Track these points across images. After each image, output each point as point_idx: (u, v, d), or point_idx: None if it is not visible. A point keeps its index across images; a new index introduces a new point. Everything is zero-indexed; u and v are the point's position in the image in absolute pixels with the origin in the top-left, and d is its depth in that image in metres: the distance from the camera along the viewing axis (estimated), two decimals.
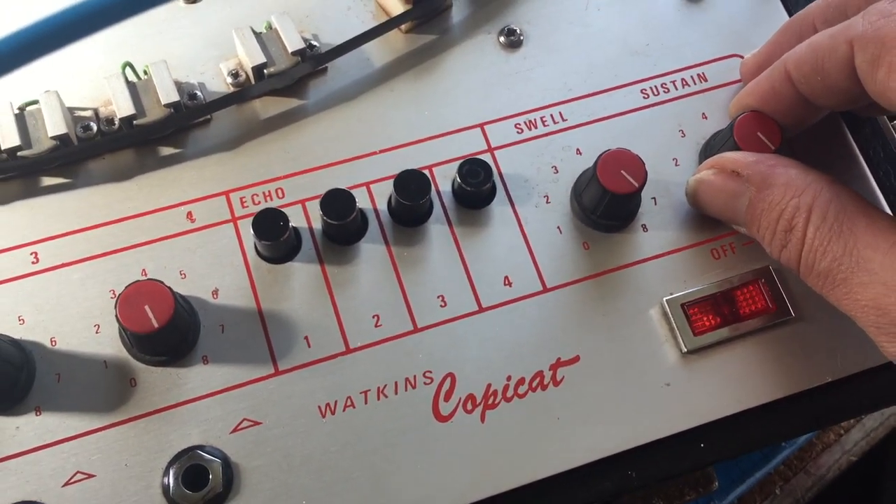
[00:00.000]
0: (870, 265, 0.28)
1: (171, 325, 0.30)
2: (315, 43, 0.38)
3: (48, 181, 0.35)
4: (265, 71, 0.36)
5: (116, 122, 0.35)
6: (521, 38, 0.39)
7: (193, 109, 0.36)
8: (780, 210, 0.31)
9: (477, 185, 0.34)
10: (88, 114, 0.36)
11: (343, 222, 0.33)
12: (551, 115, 0.38)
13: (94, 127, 0.35)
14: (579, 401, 0.33)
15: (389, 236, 0.35)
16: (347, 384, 0.33)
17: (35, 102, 0.35)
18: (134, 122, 0.35)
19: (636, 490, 0.33)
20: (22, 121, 0.34)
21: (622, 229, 0.36)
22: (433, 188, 0.36)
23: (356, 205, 0.33)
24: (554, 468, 0.32)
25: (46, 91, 0.35)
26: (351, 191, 0.33)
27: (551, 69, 0.39)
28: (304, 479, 0.31)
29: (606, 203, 0.34)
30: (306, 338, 0.33)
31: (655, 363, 0.34)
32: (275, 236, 0.32)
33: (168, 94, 0.35)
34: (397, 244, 0.35)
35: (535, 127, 0.38)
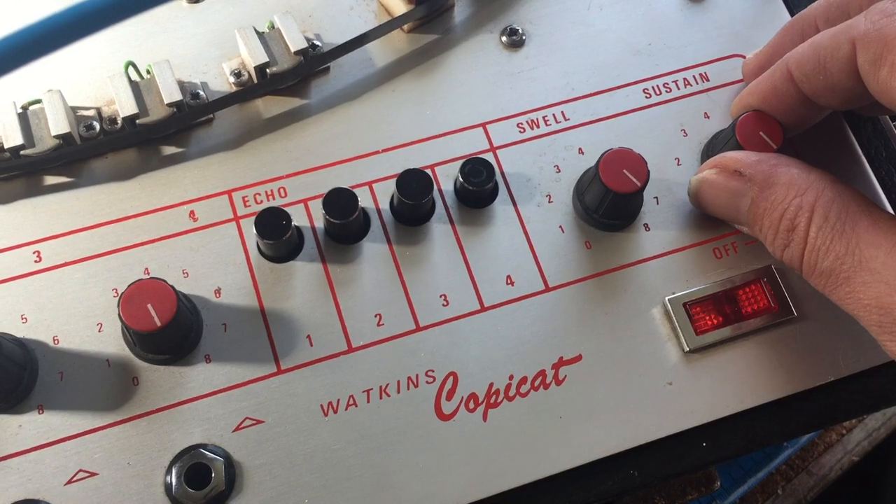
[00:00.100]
0: (872, 264, 0.28)
1: (174, 323, 0.30)
2: (318, 42, 0.38)
3: (51, 180, 0.35)
4: (268, 70, 0.36)
5: (119, 122, 0.35)
6: (524, 37, 0.39)
7: (196, 109, 0.36)
8: (783, 209, 0.31)
9: (479, 184, 0.34)
10: (91, 113, 0.36)
11: (345, 221, 0.33)
12: (553, 115, 0.38)
13: (97, 126, 0.35)
14: (581, 400, 0.33)
15: (392, 235, 0.35)
16: (350, 383, 0.33)
17: (38, 101, 0.35)
18: (137, 121, 0.35)
19: (638, 489, 0.33)
20: (25, 120, 0.34)
21: (624, 228, 0.36)
22: (435, 187, 0.36)
23: (358, 204, 0.33)
24: (556, 467, 0.32)
25: (49, 90, 0.35)
26: (353, 190, 0.33)
27: (553, 69, 0.39)
28: (307, 478, 0.31)
29: (609, 202, 0.34)
30: (308, 337, 0.33)
31: (657, 362, 0.34)
32: (277, 235, 0.32)
33: (171, 93, 0.35)
34: (399, 243, 0.35)
35: (538, 126, 0.38)
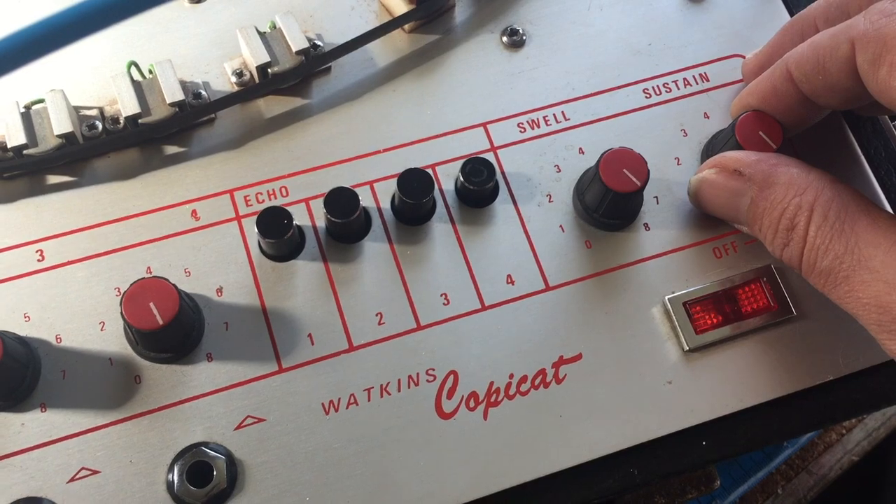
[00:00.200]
0: (871, 263, 0.29)
1: (176, 322, 0.30)
2: (319, 42, 0.38)
3: (54, 179, 0.35)
4: (269, 70, 0.36)
5: (121, 121, 0.35)
6: (524, 38, 0.40)
7: (198, 108, 0.36)
8: (782, 209, 0.31)
9: (480, 183, 0.35)
10: (94, 112, 0.36)
11: (347, 220, 0.33)
12: (554, 115, 0.38)
13: (100, 125, 0.35)
14: (581, 398, 0.33)
15: (393, 235, 0.35)
16: (351, 381, 0.33)
17: (41, 101, 0.35)
18: (139, 120, 0.35)
19: (638, 487, 0.33)
20: (28, 119, 0.34)
21: (624, 228, 0.36)
22: (436, 187, 0.36)
23: (360, 203, 0.33)
24: (556, 466, 0.32)
25: (52, 90, 0.35)
26: (354, 189, 0.33)
27: (554, 69, 0.39)
28: (308, 476, 0.31)
29: (609, 202, 0.34)
30: (310, 335, 0.33)
31: (657, 361, 0.34)
32: (279, 234, 0.33)
33: (173, 93, 0.35)
34: (400, 242, 0.35)
35: (538, 126, 0.38)
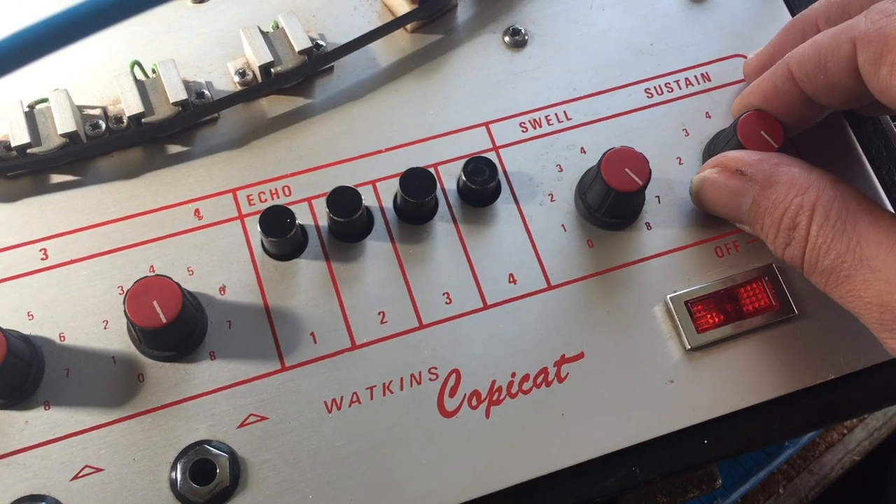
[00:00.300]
0: (873, 262, 0.29)
1: (179, 320, 0.30)
2: (321, 42, 0.38)
3: (57, 178, 0.35)
4: (272, 70, 0.36)
5: (125, 121, 0.35)
6: (526, 37, 0.40)
7: (201, 108, 0.36)
8: (784, 208, 0.31)
9: (482, 183, 0.35)
10: (97, 112, 0.36)
11: (349, 220, 0.33)
12: (556, 114, 0.38)
13: (103, 125, 0.35)
14: (583, 397, 0.33)
15: (395, 234, 0.35)
16: (353, 380, 0.33)
17: (45, 100, 0.35)
18: (142, 120, 0.35)
19: (640, 486, 0.34)
20: (32, 118, 0.34)
21: (626, 227, 0.36)
22: (438, 186, 0.36)
23: (362, 202, 0.33)
24: (558, 464, 0.32)
25: (56, 89, 0.35)
26: (357, 188, 0.33)
27: (556, 68, 0.39)
28: (311, 474, 0.31)
29: (611, 201, 0.34)
30: (312, 334, 0.33)
31: (659, 360, 0.34)
32: (281, 233, 0.33)
33: (176, 92, 0.35)
34: (403, 242, 0.35)
35: (540, 126, 0.38)
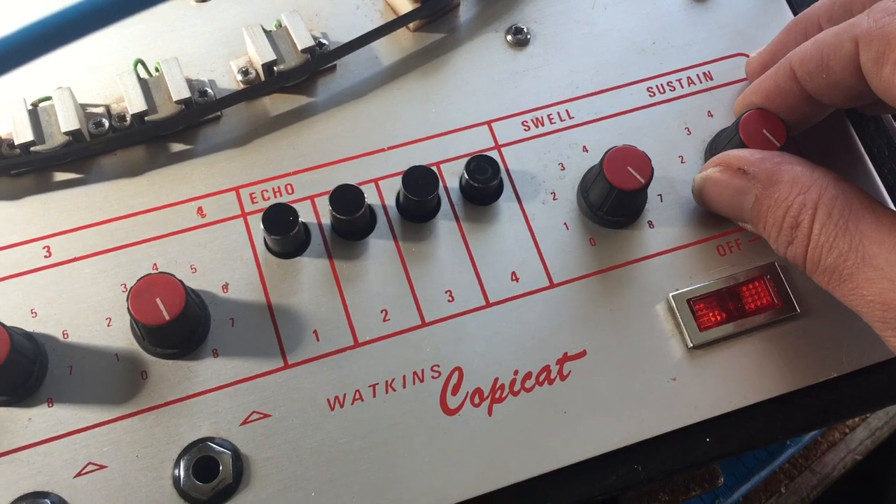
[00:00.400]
0: (875, 261, 0.29)
1: (183, 317, 0.30)
2: (324, 41, 0.38)
3: (61, 176, 0.35)
4: (275, 68, 0.36)
5: (128, 119, 0.35)
6: (528, 36, 0.40)
7: (204, 106, 0.36)
8: (787, 207, 0.31)
9: (484, 181, 0.35)
10: (100, 110, 0.36)
11: (352, 218, 0.33)
12: (558, 113, 0.38)
13: (106, 123, 0.35)
14: (586, 395, 0.33)
15: (398, 232, 0.35)
16: (356, 377, 0.33)
17: (48, 98, 0.35)
18: (145, 118, 0.35)
19: (642, 484, 0.34)
20: (35, 116, 0.35)
21: (628, 226, 0.36)
22: (441, 184, 0.36)
23: (365, 200, 0.33)
24: (560, 462, 0.32)
25: (59, 87, 0.35)
26: (360, 187, 0.34)
27: (558, 67, 0.39)
28: (313, 471, 0.31)
29: (613, 199, 0.34)
30: (315, 332, 0.33)
31: (661, 358, 0.34)
32: (284, 231, 0.33)
33: (179, 90, 0.35)
34: (405, 240, 0.35)
35: (542, 124, 0.38)
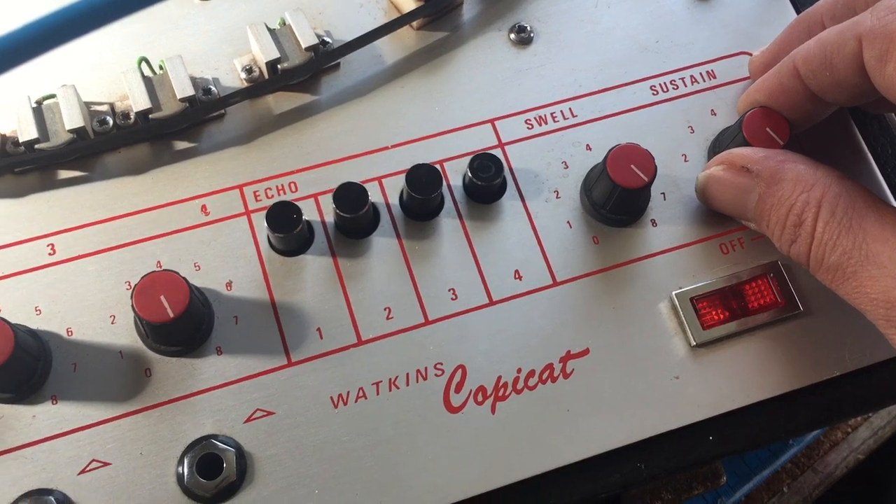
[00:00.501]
0: (879, 259, 0.29)
1: (187, 315, 0.30)
2: (328, 39, 0.38)
3: (65, 174, 0.35)
4: (278, 66, 0.36)
5: (132, 117, 0.36)
6: (532, 35, 0.40)
7: (208, 104, 0.36)
8: (790, 205, 0.31)
9: (488, 179, 0.35)
10: (105, 108, 0.36)
11: (355, 216, 0.33)
12: (561, 112, 0.38)
13: (110, 121, 0.36)
14: (589, 393, 0.33)
15: (401, 230, 0.35)
16: (359, 375, 0.33)
17: (52, 96, 0.35)
18: (149, 116, 0.35)
19: (645, 482, 0.34)
20: (40, 114, 0.35)
21: (631, 224, 0.36)
22: (444, 182, 0.36)
23: (368, 198, 0.33)
24: (563, 460, 0.32)
25: (63, 85, 0.35)
26: (363, 185, 0.34)
27: (561, 66, 0.39)
28: (317, 468, 0.31)
29: (616, 197, 0.34)
30: (319, 329, 0.33)
31: (664, 356, 0.34)
32: (288, 229, 0.33)
33: (183, 88, 0.35)
34: (409, 238, 0.35)
35: (546, 123, 0.38)
